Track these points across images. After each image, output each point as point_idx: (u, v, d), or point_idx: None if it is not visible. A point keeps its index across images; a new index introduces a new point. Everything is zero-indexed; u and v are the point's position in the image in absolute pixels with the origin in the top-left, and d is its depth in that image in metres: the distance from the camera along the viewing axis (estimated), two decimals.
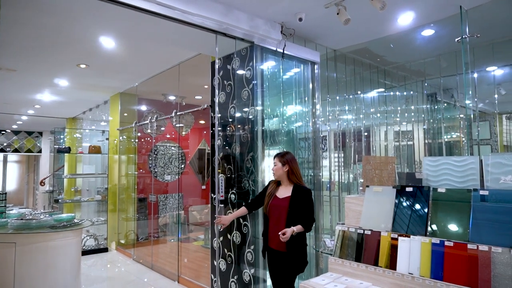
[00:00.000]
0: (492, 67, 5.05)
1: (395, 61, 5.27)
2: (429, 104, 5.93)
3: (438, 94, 5.81)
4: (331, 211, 4.67)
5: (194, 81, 5.95)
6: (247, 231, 3.75)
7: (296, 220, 2.77)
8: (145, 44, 4.50)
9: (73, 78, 5.94)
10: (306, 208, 2.83)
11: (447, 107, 5.98)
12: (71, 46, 4.46)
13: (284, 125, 4.17)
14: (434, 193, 2.22)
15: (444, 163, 2.25)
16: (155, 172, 7.08)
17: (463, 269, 1.91)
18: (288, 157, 3.01)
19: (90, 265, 6.07)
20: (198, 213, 7.77)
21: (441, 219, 2.12)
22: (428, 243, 2.07)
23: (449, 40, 4.28)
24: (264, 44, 3.80)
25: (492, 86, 5.12)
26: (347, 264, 2.36)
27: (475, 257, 1.89)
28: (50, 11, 3.42)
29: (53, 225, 3.88)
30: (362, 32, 4.07)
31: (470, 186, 2.14)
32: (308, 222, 2.80)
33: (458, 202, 2.09)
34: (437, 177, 2.29)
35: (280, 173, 2.98)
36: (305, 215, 2.81)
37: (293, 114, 4.32)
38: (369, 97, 5.66)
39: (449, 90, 5.81)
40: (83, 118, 9.75)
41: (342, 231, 2.50)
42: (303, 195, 2.86)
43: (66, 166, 9.94)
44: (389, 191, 2.40)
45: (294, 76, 4.32)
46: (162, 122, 6.63)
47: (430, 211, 2.18)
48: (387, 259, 2.20)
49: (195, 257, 6.07)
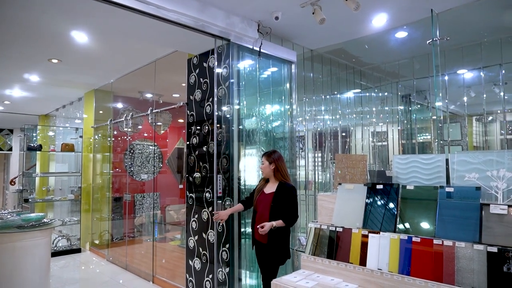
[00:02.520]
0: (462, 70, 5.22)
1: (371, 62, 5.37)
2: (403, 105, 6.08)
3: (411, 96, 5.96)
4: (307, 210, 4.71)
5: (171, 78, 5.88)
6: (222, 230, 3.73)
7: (278, 214, 2.94)
8: (119, 39, 4.40)
9: (45, 73, 5.74)
10: (288, 203, 2.98)
11: (420, 108, 6.15)
12: (41, 40, 4.31)
13: (262, 125, 4.17)
14: (403, 190, 2.27)
15: (413, 161, 2.31)
16: (131, 171, 6.94)
17: (429, 264, 1.96)
18: (275, 156, 3.19)
19: (62, 267, 5.89)
20: (175, 212, 7.68)
21: (410, 215, 2.17)
22: (397, 239, 2.11)
23: (421, 42, 4.40)
24: (240, 42, 3.79)
25: (462, 89, 5.30)
26: (319, 261, 2.39)
27: (440, 252, 1.95)
28: (18, 4, 3.29)
29: (21, 225, 3.74)
30: (338, 32, 4.13)
31: (437, 183, 2.21)
32: (289, 217, 2.95)
33: (426, 199, 2.15)
34: (406, 175, 2.34)
35: (267, 171, 3.16)
36: (287, 211, 2.96)
37: (270, 113, 4.33)
38: (345, 97, 5.74)
39: (422, 92, 5.97)
40: (56, 116, 9.46)
41: (314, 228, 2.52)
42: (286, 192, 3.02)
43: (38, 165, 9.61)
44: (361, 188, 2.45)
45: (271, 76, 4.33)
46: (139, 120, 6.51)
47: (399, 207, 2.23)
48: (358, 255, 2.24)
49: (171, 257, 5.99)
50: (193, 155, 4.20)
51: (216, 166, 3.76)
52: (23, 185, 8.18)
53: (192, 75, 4.31)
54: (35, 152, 9.24)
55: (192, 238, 4.13)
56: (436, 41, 3.52)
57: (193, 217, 4.13)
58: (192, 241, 4.13)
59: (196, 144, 4.16)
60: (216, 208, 3.67)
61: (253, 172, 4.00)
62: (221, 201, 3.68)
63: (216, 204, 3.67)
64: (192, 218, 4.14)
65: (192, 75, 4.30)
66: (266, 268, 3.03)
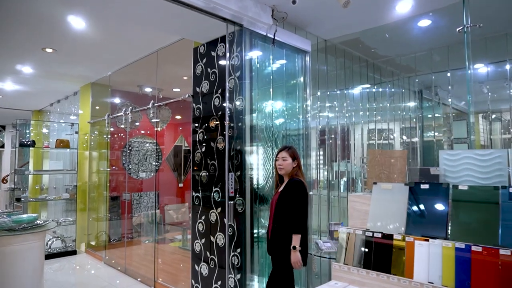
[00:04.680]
0: (479, 64, 4.94)
1: (385, 54, 5.08)
2: (415, 101, 5.80)
3: (425, 92, 5.67)
4: (319, 211, 4.41)
5: (173, 71, 5.55)
6: (233, 233, 3.42)
7: (282, 215, 2.68)
8: (120, 26, 4.06)
9: (38, 64, 5.38)
10: (292, 202, 2.63)
11: (430, 105, 5.86)
12: (35, 25, 3.96)
13: (274, 120, 3.86)
14: (455, 190, 1.97)
15: (465, 157, 2.01)
16: (129, 169, 6.60)
17: (494, 278, 1.67)
18: (295, 151, 2.88)
19: (56, 270, 5.55)
20: (175, 212, 7.37)
21: (464, 220, 1.88)
22: (451, 248, 1.82)
23: (444, 31, 4.12)
24: (253, 28, 3.47)
25: (475, 84, 5.03)
26: (355, 272, 2.09)
27: (509, 263, 1.65)
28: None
29: (11, 227, 3.41)
30: (357, 19, 3.83)
31: (497, 183, 1.91)
32: (295, 222, 2.58)
33: (484, 202, 1.85)
34: (457, 173, 2.04)
35: (289, 169, 2.78)
36: (292, 211, 2.62)
37: (283, 108, 4.02)
38: (355, 93, 5.43)
39: (434, 87, 5.69)
40: (51, 111, 9.07)
41: (347, 234, 2.22)
42: (290, 187, 2.69)
43: (31, 162, 9.23)
44: (401, 188, 2.14)
45: (285, 66, 4.02)
46: (137, 116, 6.16)
47: (450, 211, 1.94)
48: (402, 266, 1.94)
49: (172, 260, 5.68)
50: (199, 152, 3.88)
51: (227, 163, 3.44)
52: (15, 183, 7.83)
53: (198, 65, 3.99)
54: (28, 149, 8.87)
55: (198, 241, 3.81)
56: (468, 28, 3.23)
57: (199, 218, 3.82)
58: (198, 245, 3.81)
59: (203, 139, 3.85)
60: (228, 209, 3.35)
61: (265, 170, 3.70)
62: (232, 202, 3.36)
63: (228, 205, 3.35)
64: (199, 219, 3.82)
65: (199, 65, 3.98)
66: (277, 271, 2.71)
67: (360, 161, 5.03)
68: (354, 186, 5.02)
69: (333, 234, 3.63)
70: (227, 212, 3.38)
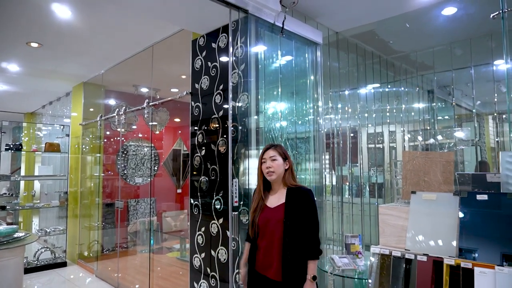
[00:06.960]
0: (499, 61, 4.55)
1: (400, 49, 4.69)
2: (426, 102, 5.41)
3: (437, 92, 5.27)
4: (332, 219, 4.00)
5: (169, 69, 5.15)
6: (237, 247, 3.00)
7: (296, 237, 2.02)
8: (109, 14, 3.66)
9: (24, 60, 4.98)
10: (308, 218, 2.05)
11: (443, 106, 5.47)
12: (17, 17, 3.57)
13: (283, 120, 3.45)
14: None
15: None
16: (124, 174, 6.18)
17: None
18: (284, 148, 2.27)
19: (44, 284, 5.12)
20: (173, 219, 6.95)
21: None
22: None
23: (471, 21, 3.74)
24: (260, 14, 3.07)
25: (491, 83, 4.63)
26: None
27: None
28: None
29: None
30: (375, 8, 3.44)
31: None
32: (313, 244, 2.03)
33: None
34: None
35: (280, 172, 2.18)
36: (308, 230, 2.03)
37: (292, 107, 3.61)
38: (365, 93, 5.03)
39: (446, 87, 5.30)
40: (43, 113, 8.67)
41: (380, 255, 1.80)
42: (302, 199, 2.08)
43: (23, 167, 8.81)
44: (449, 199, 1.73)
45: (294, 59, 3.62)
46: (133, 118, 5.75)
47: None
48: None
49: (169, 272, 5.24)
50: (198, 155, 3.47)
51: (231, 168, 3.03)
52: (8, 189, 7.47)
53: (197, 59, 3.59)
54: (20, 154, 8.47)
55: (197, 256, 3.39)
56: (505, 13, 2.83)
57: (199, 230, 3.40)
58: (197, 259, 3.39)
59: (203, 142, 3.44)
60: (231, 221, 2.93)
61: None
62: (236, 212, 2.94)
63: (231, 216, 2.93)
64: (198, 231, 3.41)
65: (198, 58, 3.58)
66: None
67: (391, 165, 4.58)
68: (363, 191, 4.63)
69: (350, 248, 3.21)
70: (230, 224, 2.97)
